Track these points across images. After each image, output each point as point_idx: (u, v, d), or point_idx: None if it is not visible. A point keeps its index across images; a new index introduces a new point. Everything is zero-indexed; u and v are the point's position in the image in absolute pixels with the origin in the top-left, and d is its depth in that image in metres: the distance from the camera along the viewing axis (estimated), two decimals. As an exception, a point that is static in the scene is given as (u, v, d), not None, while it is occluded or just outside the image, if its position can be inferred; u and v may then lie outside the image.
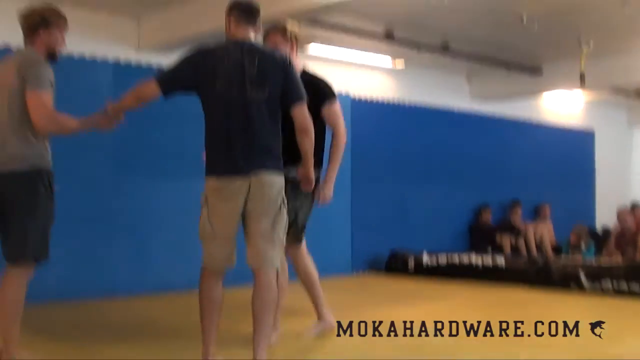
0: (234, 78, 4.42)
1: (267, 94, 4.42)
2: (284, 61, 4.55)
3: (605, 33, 9.31)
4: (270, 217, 4.44)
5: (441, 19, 8.65)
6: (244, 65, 4.43)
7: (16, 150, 4.61)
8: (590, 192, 14.94)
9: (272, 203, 4.43)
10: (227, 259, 4.51)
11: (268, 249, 4.45)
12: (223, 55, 4.49)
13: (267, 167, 4.41)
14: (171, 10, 8.01)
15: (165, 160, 8.52)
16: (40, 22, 4.85)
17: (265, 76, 4.43)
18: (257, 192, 4.39)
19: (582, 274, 8.63)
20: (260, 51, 4.54)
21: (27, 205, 4.61)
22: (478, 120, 12.47)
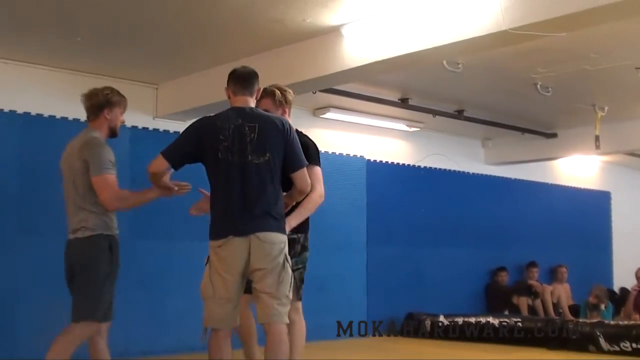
0: (235, 144, 4.58)
1: (267, 158, 4.55)
2: (284, 126, 4.68)
3: (620, 98, 9.39)
4: (275, 275, 4.52)
5: (456, 86, 8.76)
6: (244, 132, 4.58)
7: (80, 221, 5.13)
8: (608, 253, 14.88)
9: (275, 261, 4.52)
10: (227, 319, 4.60)
11: (275, 306, 4.52)
12: (224, 123, 4.66)
13: (268, 227, 4.53)
14: (188, 79, 8.17)
15: (180, 222, 8.60)
16: (104, 103, 5.31)
17: (266, 141, 4.57)
18: (258, 252, 4.50)
19: (600, 336, 8.58)
20: (260, 116, 4.69)
21: (88, 269, 5.10)
22: (493, 182, 12.52)
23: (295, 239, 5.27)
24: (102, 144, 5.18)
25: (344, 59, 6.62)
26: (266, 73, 7.08)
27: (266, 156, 4.55)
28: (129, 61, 7.70)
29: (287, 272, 4.57)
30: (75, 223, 5.15)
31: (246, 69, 4.90)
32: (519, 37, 5.46)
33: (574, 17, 5.05)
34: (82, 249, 5.14)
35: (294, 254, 5.21)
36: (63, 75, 7.90)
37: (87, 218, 5.10)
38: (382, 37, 6.29)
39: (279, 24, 6.40)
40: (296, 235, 5.27)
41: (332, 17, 6.29)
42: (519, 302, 11.66)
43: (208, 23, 6.47)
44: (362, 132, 10.45)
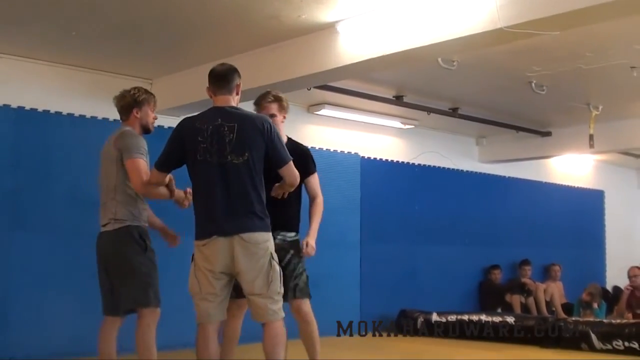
0: (213, 145, 4.62)
1: (247, 157, 4.58)
2: (263, 124, 4.71)
3: (614, 97, 9.41)
4: (263, 276, 4.57)
5: (451, 84, 8.76)
6: (223, 132, 4.62)
7: (109, 214, 5.33)
8: (601, 252, 14.93)
9: (260, 261, 4.56)
10: (213, 313, 4.69)
11: (269, 305, 4.60)
12: (202, 124, 4.71)
13: (250, 227, 4.57)
14: (183, 74, 8.16)
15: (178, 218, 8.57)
16: (133, 102, 5.49)
17: (244, 141, 4.60)
18: (242, 253, 4.54)
19: (593, 334, 8.59)
20: (239, 116, 4.73)
21: (124, 260, 5.32)
22: (487, 180, 12.54)
23: (298, 240, 5.59)
24: (136, 134, 5.40)
25: (339, 55, 6.62)
26: (261, 69, 7.10)
27: (245, 156, 4.58)
28: (124, 56, 7.68)
29: (275, 269, 4.61)
30: (106, 216, 5.36)
31: (223, 66, 4.93)
32: (514, 35, 5.46)
33: (569, 15, 5.05)
34: (112, 242, 5.34)
35: (301, 255, 5.60)
36: (58, 70, 7.89)
37: (116, 210, 5.28)
38: (377, 34, 6.28)
39: (274, 20, 6.39)
40: (298, 237, 5.61)
41: (328, 14, 6.28)
42: (512, 300, 11.68)
43: (203, 19, 6.46)
44: (356, 129, 10.44)
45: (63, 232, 7.75)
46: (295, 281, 5.49)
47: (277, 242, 5.19)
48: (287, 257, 5.47)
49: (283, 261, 5.29)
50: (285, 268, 5.32)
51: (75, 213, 7.84)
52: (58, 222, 7.76)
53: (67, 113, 7.90)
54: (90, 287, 7.84)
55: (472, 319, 9.71)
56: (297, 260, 5.56)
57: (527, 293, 11.88)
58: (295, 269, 5.52)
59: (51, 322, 7.59)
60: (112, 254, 5.36)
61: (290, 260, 5.51)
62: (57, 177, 7.80)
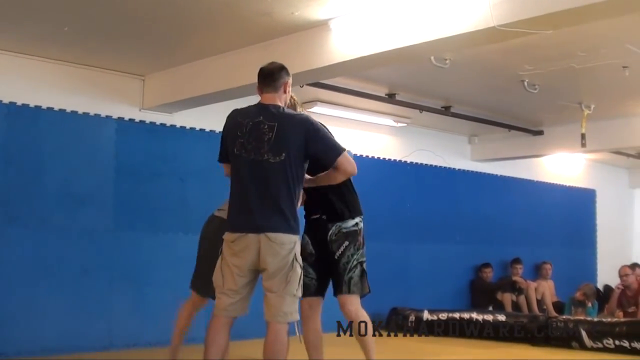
0: (250, 142, 4.62)
1: (284, 157, 4.56)
2: (305, 124, 4.69)
3: (606, 96, 9.43)
4: (282, 275, 4.56)
5: (443, 82, 8.76)
6: (262, 130, 4.61)
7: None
8: (592, 250, 14.97)
9: (283, 261, 4.55)
10: (231, 309, 4.67)
11: (280, 305, 4.57)
12: (243, 119, 4.71)
13: (278, 227, 4.55)
14: (175, 71, 8.14)
15: (166, 214, 8.58)
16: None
17: (283, 141, 4.58)
18: (267, 251, 4.54)
19: (583, 332, 8.61)
20: (282, 116, 4.69)
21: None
22: (479, 179, 12.55)
23: (357, 230, 5.32)
24: None
25: (331, 53, 6.61)
26: (253, 66, 7.06)
27: (282, 156, 4.56)
28: (116, 52, 7.66)
29: (296, 271, 4.59)
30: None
31: (271, 65, 4.91)
32: (507, 34, 5.47)
33: (561, 14, 5.05)
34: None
35: (359, 246, 5.30)
36: (50, 66, 7.85)
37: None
38: (370, 32, 6.28)
39: (267, 17, 6.38)
40: (357, 228, 5.33)
41: (320, 11, 6.27)
42: (503, 298, 11.69)
43: (196, 15, 6.44)
44: (348, 126, 10.43)
45: (54, 228, 7.73)
46: (349, 274, 5.24)
47: (332, 234, 5.21)
48: (341, 248, 5.25)
49: (336, 253, 5.23)
50: (339, 260, 5.24)
51: (67, 209, 7.83)
52: (49, 218, 7.74)
53: (59, 109, 7.87)
54: (81, 283, 7.88)
55: (463, 317, 9.72)
56: (351, 252, 5.26)
57: (518, 291, 11.90)
58: (349, 261, 5.24)
59: (42, 319, 7.57)
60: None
61: (344, 252, 5.24)
62: (48, 173, 7.77)
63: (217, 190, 8.68)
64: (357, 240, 5.28)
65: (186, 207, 8.67)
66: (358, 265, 5.26)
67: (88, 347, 7.74)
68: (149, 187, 8.42)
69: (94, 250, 7.99)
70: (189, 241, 8.62)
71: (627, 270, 11.06)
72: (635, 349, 8.17)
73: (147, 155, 8.47)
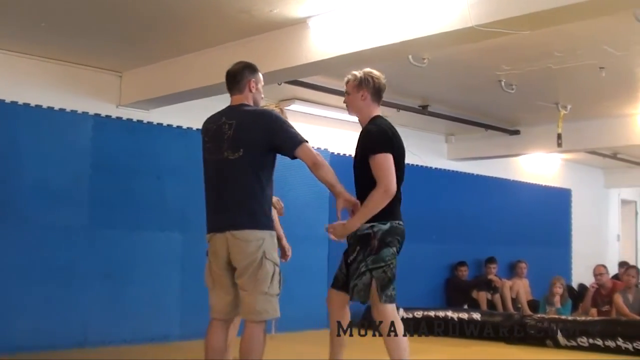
0: (215, 142, 4.66)
1: (242, 152, 4.55)
2: (263, 117, 4.69)
3: (583, 97, 9.49)
4: (250, 273, 4.53)
5: (421, 81, 8.78)
6: (223, 130, 4.64)
7: None
8: (567, 249, 15.07)
9: (249, 258, 4.52)
10: (225, 308, 4.69)
11: (251, 303, 4.54)
12: (210, 125, 4.78)
13: (241, 223, 4.54)
14: (153, 68, 8.11)
15: (143, 212, 8.55)
16: None
17: (240, 137, 4.59)
18: (234, 249, 4.55)
19: (558, 331, 8.67)
20: (241, 113, 4.70)
21: None
22: (456, 178, 12.60)
23: (370, 234, 4.94)
24: None
25: (309, 51, 6.61)
26: (231, 63, 7.05)
27: (240, 152, 4.56)
28: (93, 48, 7.62)
29: (265, 269, 4.53)
30: None
31: (234, 66, 4.91)
32: (485, 34, 5.49)
33: (539, 15, 5.08)
34: None
35: (370, 251, 4.93)
36: (27, 61, 7.80)
37: None
38: (348, 31, 6.28)
39: (245, 14, 6.37)
40: (371, 231, 4.93)
41: (299, 9, 6.27)
42: (478, 297, 11.75)
43: (174, 11, 6.41)
44: (326, 125, 10.44)
45: (29, 225, 7.68)
46: (355, 281, 4.96)
47: (349, 237, 5.04)
48: (354, 253, 5.02)
49: (350, 257, 5.07)
50: (351, 265, 5.05)
51: (42, 206, 7.78)
52: (24, 214, 7.69)
53: (35, 105, 7.82)
54: (56, 281, 7.83)
55: (438, 315, 9.76)
56: (361, 257, 4.97)
57: (493, 290, 11.96)
58: (358, 267, 4.96)
59: (16, 316, 7.52)
60: None
61: (356, 257, 5.00)
62: (24, 170, 7.71)
63: (194, 188, 8.69)
64: (369, 245, 4.94)
65: (163, 205, 8.65)
66: (367, 273, 4.92)
67: (63, 345, 7.69)
68: (125, 184, 8.39)
69: (69, 247, 7.95)
70: (165, 239, 8.68)
71: (602, 269, 11.14)
72: (608, 347, 8.25)
73: (124, 152, 8.44)
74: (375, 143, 5.09)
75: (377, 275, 4.92)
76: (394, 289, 5.01)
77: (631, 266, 11.54)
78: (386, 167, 5.00)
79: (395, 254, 5.06)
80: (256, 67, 4.95)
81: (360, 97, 5.27)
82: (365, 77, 5.26)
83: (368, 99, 5.27)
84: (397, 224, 5.13)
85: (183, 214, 8.72)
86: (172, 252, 8.72)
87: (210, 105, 8.01)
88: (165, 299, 8.63)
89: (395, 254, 5.07)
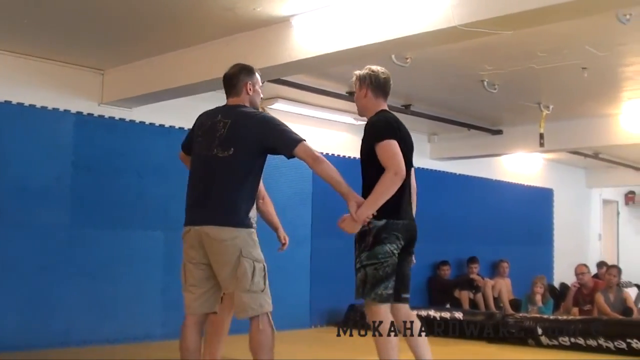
0: (207, 138, 4.67)
1: (232, 152, 4.56)
2: (258, 118, 4.69)
3: (565, 97, 9.52)
4: (228, 271, 4.53)
5: (403, 81, 8.76)
6: (217, 127, 4.65)
7: None
8: (549, 249, 15.13)
9: (223, 257, 4.53)
10: (194, 306, 4.67)
11: (237, 301, 4.56)
12: (206, 120, 4.78)
13: (217, 220, 4.53)
14: (135, 65, 8.07)
15: (124, 210, 8.51)
16: None
17: (233, 136, 4.59)
18: (209, 248, 4.55)
19: (539, 330, 8.70)
20: (237, 112, 4.72)
21: None
22: (438, 177, 12.61)
23: (367, 230, 4.89)
24: None
25: (292, 50, 6.60)
26: (215, 61, 7.07)
27: (230, 150, 4.57)
28: (75, 46, 7.58)
29: (242, 267, 4.51)
30: None
31: (231, 69, 4.96)
32: (468, 33, 5.49)
33: (522, 15, 5.09)
34: None
35: (364, 248, 4.92)
36: (8, 58, 7.74)
37: None
38: (331, 30, 6.28)
39: (229, 12, 6.35)
40: (367, 227, 4.87)
41: (282, 8, 6.26)
42: (461, 296, 11.77)
43: (157, 9, 6.39)
44: (309, 124, 10.43)
45: (10, 223, 7.63)
46: (355, 278, 5.01)
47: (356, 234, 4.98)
48: (356, 251, 5.04)
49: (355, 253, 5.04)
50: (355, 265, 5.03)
51: (23, 204, 7.73)
52: (5, 213, 7.64)
53: (16, 102, 7.77)
54: (38, 280, 7.79)
55: (420, 315, 9.74)
56: (357, 253, 5.01)
57: (475, 289, 11.99)
58: (355, 264, 5.03)
59: None
60: None
61: (355, 254, 5.05)
62: (5, 168, 7.66)
63: (176, 186, 8.67)
64: (364, 241, 4.92)
65: (144, 203, 8.61)
66: (361, 269, 4.94)
67: (45, 344, 7.65)
68: (107, 182, 8.35)
69: (51, 246, 7.90)
70: (147, 237, 8.64)
71: (583, 268, 11.19)
72: (590, 346, 8.29)
73: (105, 151, 8.40)
74: (380, 131, 5.05)
75: (369, 272, 4.89)
76: (386, 288, 4.89)
77: (612, 266, 11.59)
78: (393, 151, 4.93)
79: (392, 252, 4.91)
80: (253, 68, 4.96)
81: (363, 95, 5.29)
82: (363, 74, 5.28)
83: (370, 95, 5.27)
84: (395, 221, 5.00)
85: (165, 212, 8.69)
86: (155, 251, 8.68)
87: (193, 103, 8.02)
88: (148, 298, 8.60)
89: (393, 252, 4.92)
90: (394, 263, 4.92)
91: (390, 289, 4.91)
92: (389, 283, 4.90)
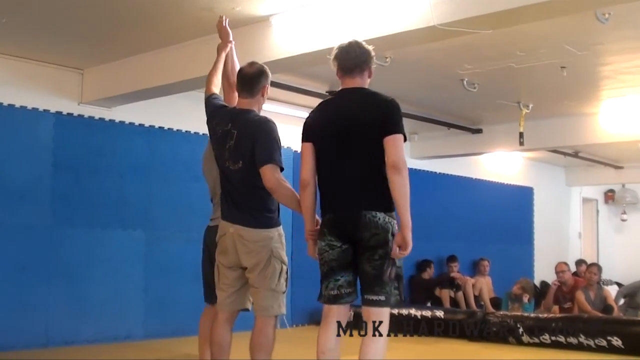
0: (219, 150, 4.73)
1: (241, 165, 4.62)
2: (256, 126, 4.69)
3: (544, 96, 9.56)
4: (258, 270, 4.63)
5: (383, 80, 8.74)
6: (227, 137, 4.67)
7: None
8: (529, 247, 15.19)
9: (256, 257, 4.62)
10: (230, 302, 4.79)
11: (259, 299, 4.68)
12: (219, 124, 4.77)
13: (249, 222, 4.62)
14: (114, 65, 8.05)
15: (105, 210, 8.48)
16: None
17: (239, 148, 4.62)
18: (242, 248, 4.63)
19: (520, 328, 8.74)
20: (243, 122, 4.70)
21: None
22: (419, 176, 12.61)
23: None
24: None
25: (272, 49, 6.60)
26: (194, 61, 7.06)
27: (240, 164, 4.62)
28: (55, 45, 7.55)
29: (272, 266, 4.64)
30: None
31: (252, 68, 4.90)
32: (447, 33, 5.52)
33: (501, 15, 5.11)
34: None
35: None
36: (-15, 58, 7.72)
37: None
38: (311, 29, 6.28)
39: (208, 12, 6.33)
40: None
41: (261, 7, 6.26)
42: (442, 294, 11.79)
43: (136, 8, 6.37)
44: (289, 123, 10.37)
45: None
46: None
47: None
48: None
49: None
50: None
51: (3, 204, 7.73)
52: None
53: (-3, 102, 7.75)
54: (18, 280, 7.75)
55: (401, 313, 9.77)
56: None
57: (456, 287, 12.01)
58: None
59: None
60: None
61: None
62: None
63: (156, 186, 8.69)
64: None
65: (125, 203, 8.59)
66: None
67: (24, 345, 7.62)
68: (87, 182, 8.32)
69: (31, 246, 7.87)
70: (127, 237, 8.61)
71: (564, 266, 11.23)
72: (570, 344, 8.34)
73: (85, 150, 8.37)
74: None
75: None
76: (326, 288, 4.59)
77: (593, 264, 11.64)
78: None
79: (323, 249, 4.53)
80: (269, 71, 4.97)
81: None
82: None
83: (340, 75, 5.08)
84: (321, 216, 4.76)
85: (145, 212, 8.67)
86: (135, 251, 8.66)
87: (172, 103, 8.00)
88: (128, 298, 8.57)
89: (323, 248, 4.53)
90: (328, 260, 4.51)
91: (331, 289, 4.60)
92: (329, 283, 4.56)
